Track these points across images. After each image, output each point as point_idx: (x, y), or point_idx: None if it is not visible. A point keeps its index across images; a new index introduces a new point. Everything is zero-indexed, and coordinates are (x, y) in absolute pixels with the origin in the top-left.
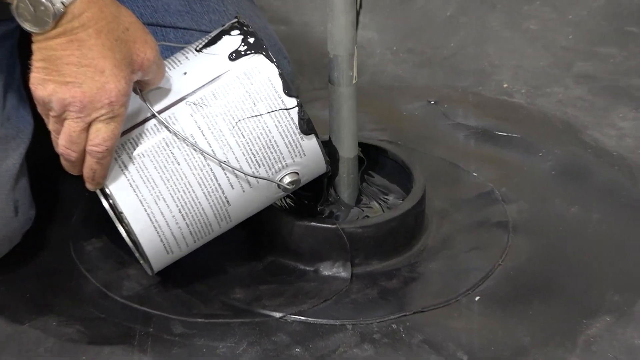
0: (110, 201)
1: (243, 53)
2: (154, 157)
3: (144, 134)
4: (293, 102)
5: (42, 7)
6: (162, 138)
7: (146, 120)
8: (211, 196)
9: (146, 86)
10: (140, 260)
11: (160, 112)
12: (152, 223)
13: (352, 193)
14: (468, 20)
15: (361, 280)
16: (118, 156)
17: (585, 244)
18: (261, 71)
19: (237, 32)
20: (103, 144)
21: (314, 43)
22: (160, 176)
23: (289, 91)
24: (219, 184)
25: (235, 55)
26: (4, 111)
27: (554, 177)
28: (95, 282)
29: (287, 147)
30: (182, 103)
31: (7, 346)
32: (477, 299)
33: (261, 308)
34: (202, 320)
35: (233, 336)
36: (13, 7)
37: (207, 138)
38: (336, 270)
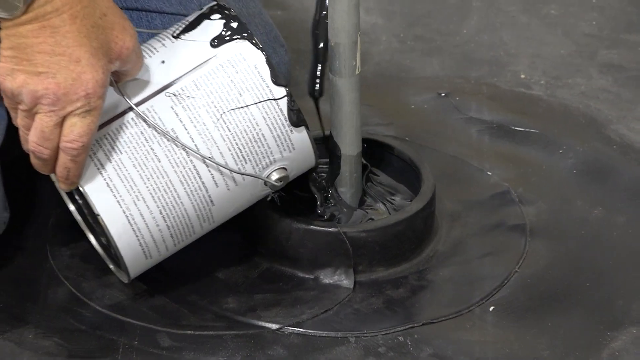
0: (82, 203)
1: (226, 39)
2: (132, 153)
3: (121, 129)
4: (282, 91)
5: None
6: (140, 133)
7: (123, 114)
8: (194, 195)
9: (123, 77)
10: (111, 267)
11: (138, 104)
12: (131, 226)
13: (355, 194)
14: (482, 4)
15: (365, 288)
16: (94, 153)
17: (609, 250)
18: (247, 58)
19: (218, 16)
20: (78, 140)
21: None
22: (140, 174)
23: (277, 80)
24: (203, 182)
25: (217, 42)
26: None
27: (575, 177)
28: (74, 291)
29: (276, 140)
30: (161, 94)
31: None
32: (491, 309)
33: (256, 319)
34: (192, 333)
35: (225, 350)
36: None
37: (189, 132)
38: (338, 278)
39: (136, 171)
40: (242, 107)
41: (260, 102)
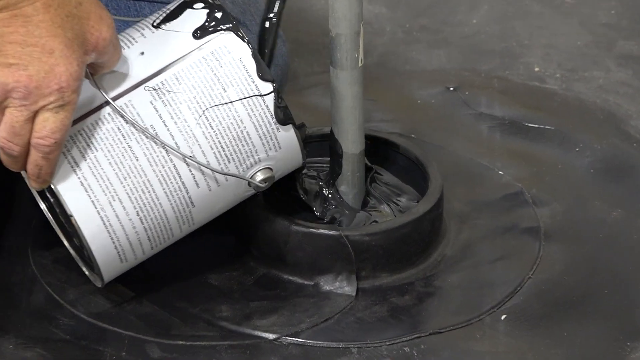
0: (54, 202)
1: (210, 30)
2: (108, 151)
3: (97, 125)
4: (268, 87)
5: None
6: (117, 129)
7: (99, 109)
8: (173, 196)
9: (100, 69)
10: (84, 269)
11: (115, 98)
12: (106, 227)
13: (357, 194)
14: None
15: (368, 295)
16: (67, 150)
17: (629, 254)
18: (231, 51)
19: (201, 4)
20: (51, 137)
21: (313, 19)
22: (116, 173)
23: (263, 74)
24: (183, 182)
25: (200, 33)
26: None
27: (593, 176)
28: (57, 297)
29: (261, 139)
30: (140, 88)
31: None
32: (503, 317)
33: (252, 328)
34: (183, 343)
35: None
36: None
37: (169, 129)
38: (339, 285)
39: (112, 170)
40: (226, 103)
41: (245, 98)
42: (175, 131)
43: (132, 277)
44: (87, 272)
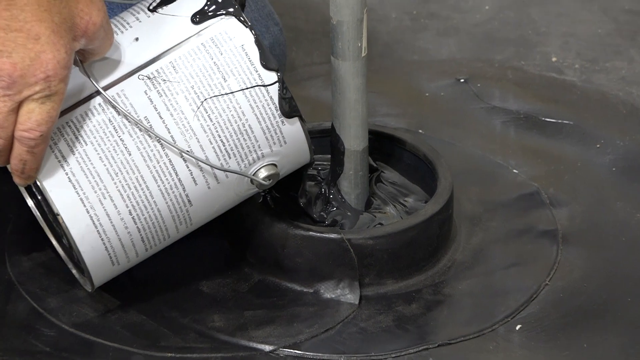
0: (41, 199)
1: (210, 14)
2: (98, 144)
3: (86, 116)
4: (272, 76)
5: None
6: (109, 121)
7: (89, 99)
8: (169, 194)
9: (90, 56)
10: (74, 272)
11: (106, 88)
12: (96, 227)
13: (360, 195)
14: None
15: (372, 304)
16: (54, 143)
17: None
18: (233, 37)
19: None
20: (37, 129)
21: (312, 5)
22: (107, 169)
23: (267, 63)
24: (180, 179)
25: (199, 18)
26: None
27: (615, 175)
28: (36, 306)
29: (265, 133)
30: (134, 77)
31: None
32: (518, 327)
33: (246, 339)
34: (172, 355)
35: None
36: None
37: (165, 121)
38: (341, 292)
39: (103, 165)
40: (226, 94)
41: (247, 88)
42: (171, 124)
43: (118, 284)
44: (77, 276)
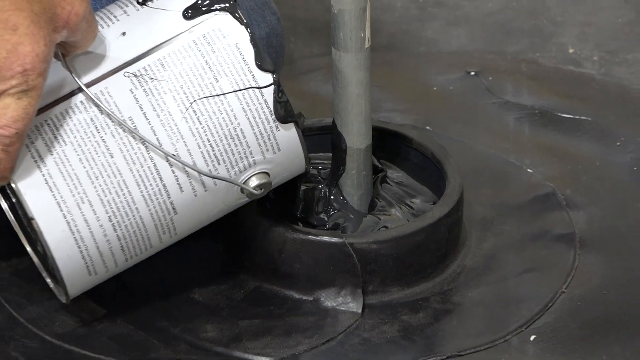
0: (15, 202)
1: (203, 9)
2: (79, 145)
3: (67, 114)
4: (268, 78)
5: None
6: (90, 120)
7: (71, 95)
8: (153, 201)
9: (72, 50)
10: (48, 281)
11: (89, 84)
12: (73, 234)
13: (364, 196)
14: None
15: (376, 313)
16: (31, 142)
17: None
18: (227, 35)
19: None
20: (12, 126)
21: None
22: (87, 171)
23: (262, 63)
24: (164, 185)
25: (191, 13)
26: None
27: (636, 175)
28: (17, 315)
29: (257, 138)
30: (119, 74)
31: None
32: (532, 338)
33: (241, 351)
34: None
35: None
36: None
37: (150, 122)
38: (342, 300)
39: (82, 167)
40: (217, 95)
41: (240, 90)
42: (157, 125)
43: (104, 291)
44: (51, 285)
